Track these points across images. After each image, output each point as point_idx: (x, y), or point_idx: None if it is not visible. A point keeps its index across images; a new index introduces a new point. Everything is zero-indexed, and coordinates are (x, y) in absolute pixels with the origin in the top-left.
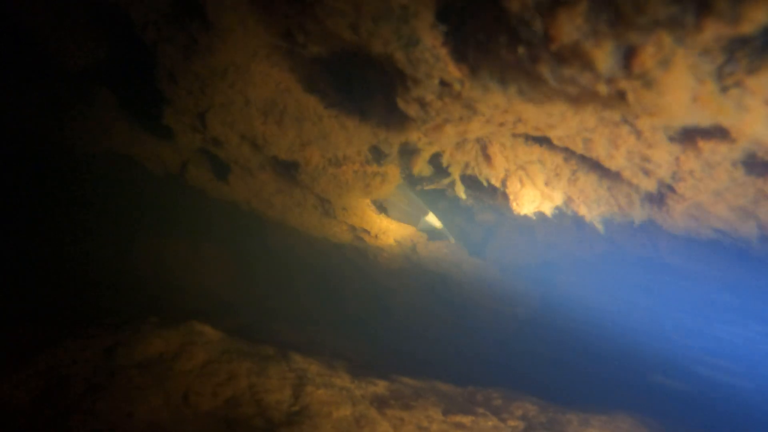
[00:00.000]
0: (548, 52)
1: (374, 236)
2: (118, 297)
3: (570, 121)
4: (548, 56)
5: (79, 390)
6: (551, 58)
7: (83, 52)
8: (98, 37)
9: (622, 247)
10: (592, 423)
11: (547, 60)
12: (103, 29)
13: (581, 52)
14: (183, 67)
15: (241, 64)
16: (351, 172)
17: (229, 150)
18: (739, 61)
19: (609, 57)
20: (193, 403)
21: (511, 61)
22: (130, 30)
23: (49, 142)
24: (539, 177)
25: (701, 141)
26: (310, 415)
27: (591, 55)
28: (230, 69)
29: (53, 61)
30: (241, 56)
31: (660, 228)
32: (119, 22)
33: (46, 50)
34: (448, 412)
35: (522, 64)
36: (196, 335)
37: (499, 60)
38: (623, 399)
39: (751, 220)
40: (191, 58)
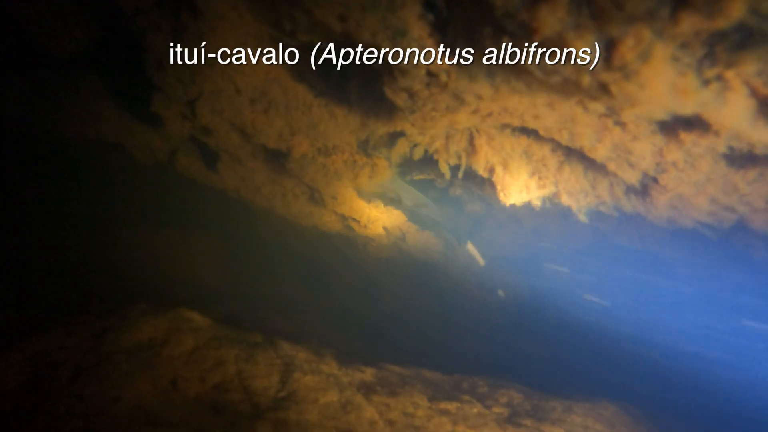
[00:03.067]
0: (532, 44)
1: (363, 225)
2: (106, 285)
3: (555, 112)
4: (532, 48)
5: (67, 375)
6: (535, 50)
7: (71, 39)
8: (87, 24)
9: (609, 238)
10: (575, 410)
11: (530, 51)
12: (92, 16)
13: (564, 44)
14: (172, 55)
15: (231, 53)
16: (340, 161)
17: (218, 138)
18: (719, 55)
19: (590, 49)
20: (180, 388)
21: (497, 52)
22: (119, 17)
23: (36, 129)
24: (526, 168)
25: (683, 133)
26: (296, 400)
27: (573, 47)
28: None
29: (41, 47)
30: (231, 45)
31: (645, 219)
32: (108, 9)
33: (34, 37)
34: (434, 399)
35: (507, 55)
36: (184, 322)
37: (485, 51)
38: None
39: (732, 211)
40: (181, 45)
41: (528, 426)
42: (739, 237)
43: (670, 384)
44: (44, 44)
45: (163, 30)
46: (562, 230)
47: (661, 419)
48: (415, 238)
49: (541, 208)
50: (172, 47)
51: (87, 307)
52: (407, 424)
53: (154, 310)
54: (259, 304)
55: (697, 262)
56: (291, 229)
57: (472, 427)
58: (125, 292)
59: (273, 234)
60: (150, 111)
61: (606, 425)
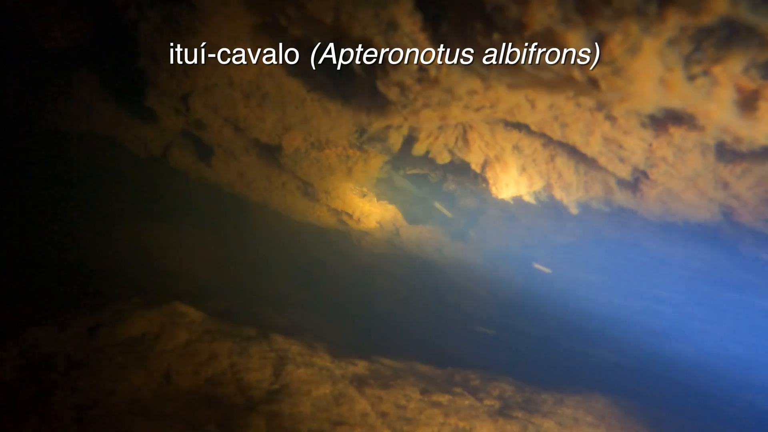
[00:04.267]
0: (522, 39)
1: (356, 219)
2: (100, 279)
3: (546, 107)
4: (522, 42)
5: (61, 368)
6: (525, 44)
7: (65, 33)
8: (80, 17)
9: (601, 233)
10: (566, 402)
11: (521, 46)
12: (85, 10)
13: (553, 39)
14: (165, 49)
15: (224, 47)
16: (334, 155)
17: (212, 132)
18: (706, 51)
19: (580, 44)
20: (174, 381)
21: (488, 46)
22: (113, 10)
23: (29, 123)
24: (517, 162)
25: (673, 128)
26: (290, 393)
27: (563, 42)
28: (213, 51)
29: (34, 41)
30: (225, 39)
31: (635, 213)
32: (101, 3)
33: (27, 30)
34: (426, 392)
35: (498, 50)
36: (178, 316)
37: (476, 46)
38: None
39: (720, 206)
40: (174, 39)
41: (519, 418)
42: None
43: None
44: (38, 38)
45: (156, 23)
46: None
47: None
48: (409, 232)
49: (534, 202)
50: (165, 41)
51: (81, 302)
52: (399, 416)
53: (148, 305)
54: (253, 298)
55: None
56: (285, 224)
57: (463, 419)
58: (119, 287)
59: (267, 229)
60: (144, 105)
61: (596, 417)
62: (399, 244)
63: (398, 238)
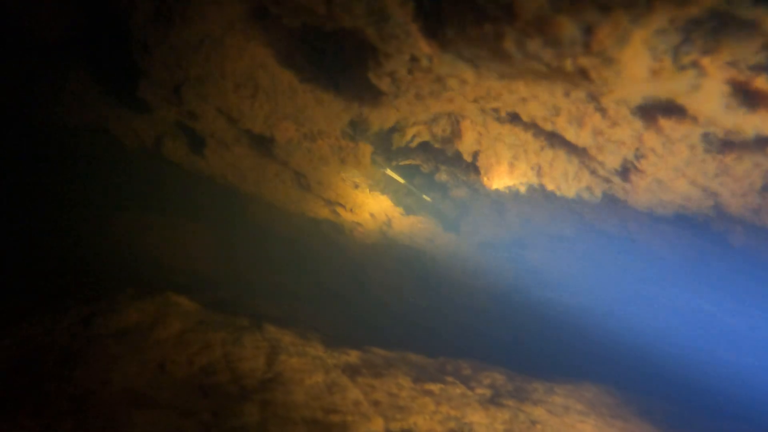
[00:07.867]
0: (513, 29)
1: (349, 210)
2: (95, 271)
3: (537, 98)
4: (513, 33)
5: (56, 358)
6: (516, 34)
7: (56, 25)
8: (72, 9)
9: (591, 224)
10: (557, 391)
11: (512, 36)
12: (77, 1)
13: (544, 29)
14: (157, 39)
15: (216, 37)
16: (327, 146)
17: (204, 123)
18: (695, 42)
19: (570, 34)
20: (168, 370)
21: (479, 37)
22: (104, 1)
23: (21, 116)
24: (509, 152)
25: (662, 119)
26: (282, 381)
27: (553, 32)
28: (205, 41)
29: (26, 34)
30: (217, 29)
31: (626, 205)
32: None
33: (18, 23)
34: (418, 381)
35: (489, 40)
36: (171, 306)
37: (468, 36)
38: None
39: (710, 197)
40: (166, 29)
41: (510, 406)
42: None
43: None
44: (29, 31)
45: (148, 13)
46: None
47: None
48: (401, 223)
49: (525, 192)
50: (157, 31)
51: (76, 293)
52: (391, 404)
53: (142, 295)
54: (247, 289)
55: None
56: (279, 215)
57: (455, 407)
58: (114, 278)
59: (262, 220)
60: (136, 96)
61: (587, 405)
62: (391, 235)
63: (390, 229)
